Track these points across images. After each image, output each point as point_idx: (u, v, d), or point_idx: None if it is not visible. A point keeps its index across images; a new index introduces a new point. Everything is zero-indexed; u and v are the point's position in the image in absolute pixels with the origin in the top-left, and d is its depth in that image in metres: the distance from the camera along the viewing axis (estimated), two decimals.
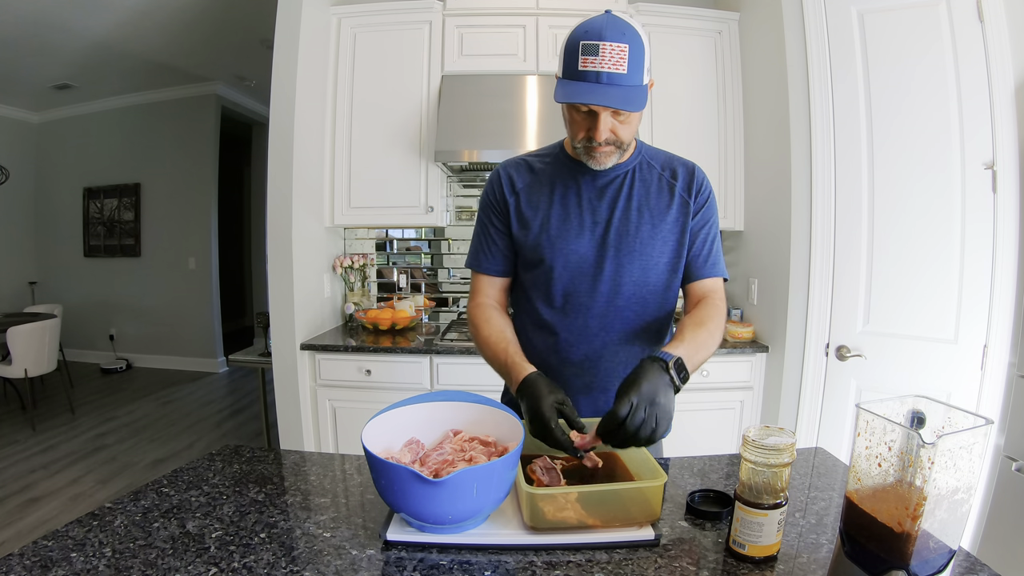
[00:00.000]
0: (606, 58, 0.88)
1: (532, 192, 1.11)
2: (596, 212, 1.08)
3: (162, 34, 3.79)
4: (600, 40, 0.88)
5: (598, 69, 0.89)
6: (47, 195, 5.59)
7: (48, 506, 2.63)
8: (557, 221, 1.08)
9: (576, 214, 1.08)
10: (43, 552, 0.74)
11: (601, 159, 1.01)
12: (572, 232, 1.08)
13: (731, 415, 2.25)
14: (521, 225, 1.11)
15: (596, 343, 1.09)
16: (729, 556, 0.74)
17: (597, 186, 1.08)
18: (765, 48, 2.21)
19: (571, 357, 1.10)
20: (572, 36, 0.92)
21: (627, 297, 1.08)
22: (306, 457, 1.11)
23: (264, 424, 2.79)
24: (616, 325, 1.09)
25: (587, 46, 0.89)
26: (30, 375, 3.67)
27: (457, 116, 2.33)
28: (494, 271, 1.16)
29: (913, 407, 0.64)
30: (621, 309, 1.08)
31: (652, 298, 1.10)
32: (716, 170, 2.42)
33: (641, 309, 1.09)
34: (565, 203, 1.09)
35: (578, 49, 0.90)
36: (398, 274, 2.87)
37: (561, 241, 1.08)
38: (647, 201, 1.08)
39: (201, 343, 5.31)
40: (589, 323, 1.09)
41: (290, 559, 0.73)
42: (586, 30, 0.90)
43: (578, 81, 0.91)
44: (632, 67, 0.89)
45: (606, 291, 1.08)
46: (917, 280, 1.79)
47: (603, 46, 0.88)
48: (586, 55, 0.89)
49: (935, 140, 1.74)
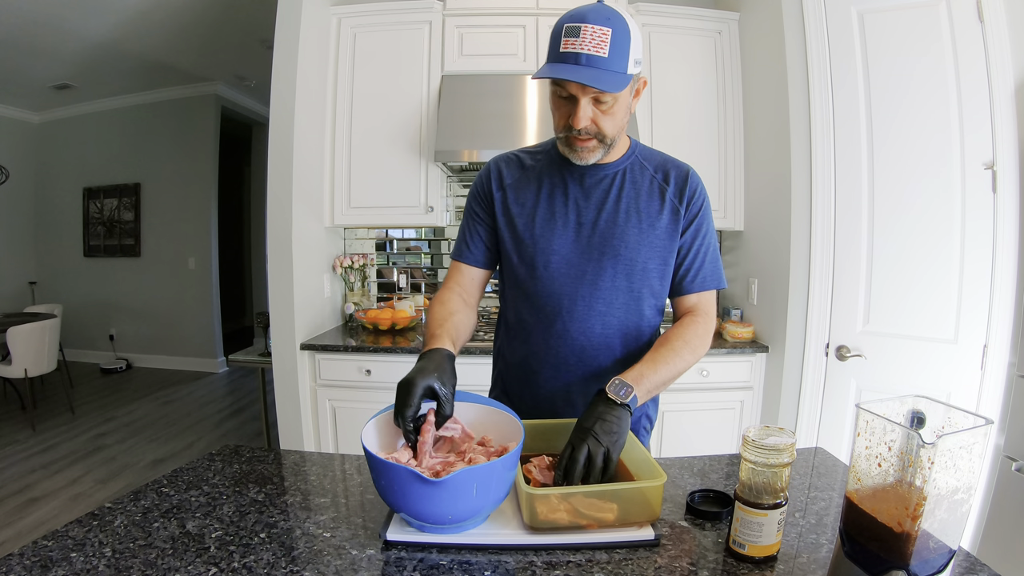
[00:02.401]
0: (587, 40, 0.87)
1: (520, 188, 1.09)
2: (582, 212, 1.05)
3: (162, 34, 3.79)
4: (582, 23, 0.88)
5: (578, 51, 0.87)
6: (47, 195, 5.59)
7: (48, 506, 2.63)
8: (541, 219, 1.06)
9: (562, 213, 1.06)
10: (43, 552, 0.74)
11: (583, 153, 0.98)
12: (556, 231, 1.05)
13: (731, 415, 2.25)
14: (507, 221, 1.09)
15: (575, 346, 1.06)
16: (729, 556, 0.74)
17: (585, 185, 1.06)
18: (765, 48, 2.21)
19: (550, 359, 1.08)
20: (558, 22, 0.91)
21: (607, 302, 1.05)
22: (306, 457, 1.11)
23: (264, 424, 2.79)
24: (596, 328, 1.06)
25: (569, 28, 0.88)
26: (30, 375, 3.67)
27: (457, 116, 2.33)
28: (471, 261, 1.13)
29: (913, 407, 0.64)
30: (601, 314, 1.05)
31: (635, 304, 1.07)
32: (716, 170, 2.42)
33: (623, 314, 1.06)
34: (551, 201, 1.07)
35: (561, 31, 0.89)
36: (398, 274, 2.87)
37: (544, 240, 1.05)
38: (636, 203, 1.05)
39: (201, 343, 5.31)
40: (569, 326, 1.06)
41: (290, 559, 0.73)
42: (571, 15, 0.90)
43: (558, 63, 0.90)
44: (614, 52, 0.88)
45: (586, 294, 1.05)
46: (917, 280, 1.79)
47: (584, 27, 0.87)
48: (568, 36, 0.88)
49: (935, 140, 1.74)
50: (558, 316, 1.06)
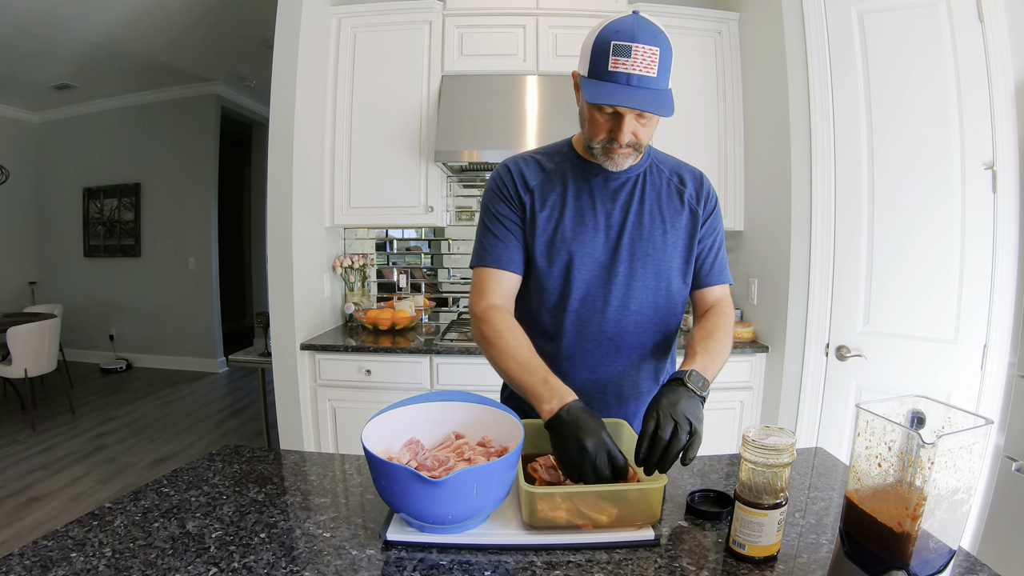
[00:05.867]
0: (638, 60, 0.87)
1: (545, 191, 1.08)
2: (610, 214, 1.06)
3: (162, 34, 3.79)
4: (632, 42, 0.86)
5: (629, 71, 0.87)
6: (47, 195, 5.59)
7: (48, 506, 2.63)
8: (572, 222, 1.06)
9: (591, 216, 1.06)
10: (43, 552, 0.74)
11: (619, 160, 1.00)
12: (587, 234, 1.06)
13: (731, 415, 2.25)
14: (533, 225, 1.07)
15: (610, 347, 1.08)
16: (729, 556, 0.74)
17: (610, 188, 1.07)
18: (765, 48, 2.20)
19: (585, 359, 1.08)
20: (602, 35, 0.89)
21: (640, 301, 1.07)
22: (306, 457, 1.11)
23: (264, 424, 2.79)
24: (629, 328, 1.07)
25: (618, 47, 0.87)
26: (30, 375, 3.67)
27: (457, 116, 2.33)
28: (513, 268, 1.07)
29: (913, 407, 0.64)
30: (634, 313, 1.07)
31: (664, 303, 1.09)
32: (716, 170, 2.42)
33: (653, 314, 1.08)
34: (579, 204, 1.07)
35: (609, 49, 0.87)
36: (398, 274, 2.87)
37: (576, 243, 1.05)
38: (658, 205, 1.07)
39: (201, 343, 5.31)
40: (604, 328, 1.07)
41: (290, 559, 0.73)
42: (617, 30, 0.88)
43: (608, 82, 0.89)
44: (661, 71, 0.89)
45: (620, 295, 1.06)
46: (917, 280, 1.79)
47: (635, 48, 0.86)
48: (617, 56, 0.87)
49: (935, 140, 1.73)
50: (592, 316, 1.07)
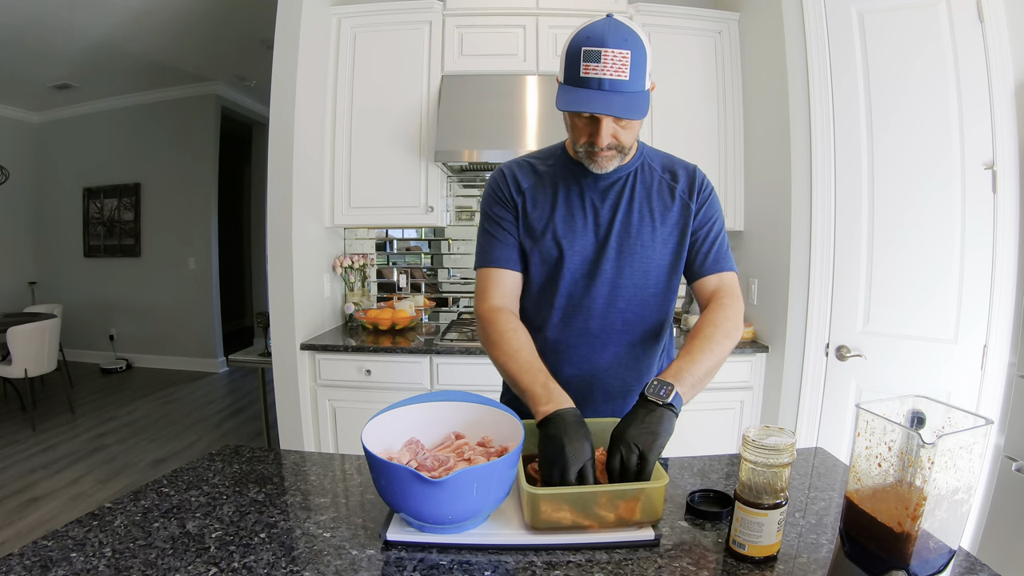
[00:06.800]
0: (608, 65, 0.88)
1: (537, 193, 1.11)
2: (599, 214, 1.08)
3: (162, 34, 3.79)
4: (602, 46, 0.87)
5: (600, 76, 0.88)
6: (47, 195, 5.59)
7: (48, 506, 2.63)
8: (562, 222, 1.08)
9: (580, 215, 1.08)
10: (43, 552, 0.74)
11: (603, 163, 1.01)
12: (577, 232, 1.08)
13: (731, 415, 2.25)
14: (526, 226, 1.11)
15: (596, 343, 1.10)
16: (729, 556, 0.74)
17: (599, 188, 1.09)
18: (765, 48, 2.20)
19: (572, 355, 1.11)
20: (573, 41, 0.91)
21: (627, 299, 1.09)
22: (306, 457, 1.11)
23: (264, 424, 2.79)
24: (616, 325, 1.10)
25: (589, 52, 0.88)
26: (30, 375, 3.67)
27: (457, 116, 2.33)
28: (513, 266, 1.12)
29: (913, 407, 0.64)
30: (621, 311, 1.09)
31: (651, 300, 1.11)
32: (716, 170, 2.42)
33: (641, 311, 1.10)
34: (569, 204, 1.09)
35: (579, 55, 0.89)
36: (398, 274, 2.87)
37: (566, 242, 1.08)
38: (648, 203, 1.09)
39: (201, 343, 5.31)
40: (590, 324, 1.09)
41: (290, 559, 0.73)
42: (588, 35, 0.89)
43: (580, 88, 0.90)
44: (634, 73, 0.89)
45: (605, 292, 1.08)
46: (917, 280, 1.79)
47: (605, 52, 0.87)
48: (588, 61, 0.88)
49: (935, 140, 1.73)
50: (578, 312, 1.09)
